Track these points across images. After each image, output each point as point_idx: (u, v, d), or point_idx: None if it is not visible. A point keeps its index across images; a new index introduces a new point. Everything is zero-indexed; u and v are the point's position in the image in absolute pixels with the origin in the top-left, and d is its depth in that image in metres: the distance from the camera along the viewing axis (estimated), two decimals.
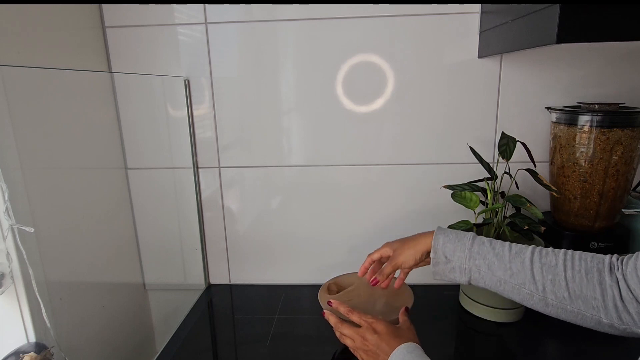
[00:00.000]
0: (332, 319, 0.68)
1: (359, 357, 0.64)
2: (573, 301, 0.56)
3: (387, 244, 0.72)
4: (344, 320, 0.67)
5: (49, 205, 0.64)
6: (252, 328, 0.85)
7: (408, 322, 0.66)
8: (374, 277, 0.71)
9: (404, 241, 0.70)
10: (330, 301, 0.70)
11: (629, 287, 0.53)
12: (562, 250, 0.59)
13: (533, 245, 0.61)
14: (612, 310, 0.53)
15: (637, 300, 0.52)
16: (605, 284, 0.54)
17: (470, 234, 0.65)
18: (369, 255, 0.73)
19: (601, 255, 0.57)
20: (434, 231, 0.67)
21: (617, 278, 0.54)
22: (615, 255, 0.57)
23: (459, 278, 0.64)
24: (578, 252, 0.58)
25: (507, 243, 0.62)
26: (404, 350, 0.58)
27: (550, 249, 0.60)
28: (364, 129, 0.91)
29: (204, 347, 0.81)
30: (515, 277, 0.59)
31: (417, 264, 0.68)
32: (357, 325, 0.65)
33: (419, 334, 0.63)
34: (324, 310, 0.70)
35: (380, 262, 0.73)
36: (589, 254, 0.58)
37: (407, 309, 0.69)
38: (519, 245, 0.62)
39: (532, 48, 0.59)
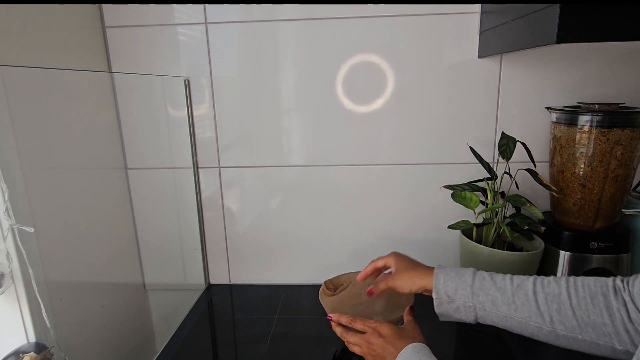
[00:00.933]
0: (337, 330, 0.68)
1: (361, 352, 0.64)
2: (583, 329, 0.54)
3: (394, 256, 0.70)
4: (350, 328, 0.67)
5: (49, 205, 0.64)
6: (252, 328, 0.85)
7: (413, 322, 0.65)
8: (370, 287, 0.70)
9: (408, 265, 0.68)
10: (329, 316, 0.70)
11: (637, 308, 0.51)
12: (564, 278, 0.58)
13: (534, 276, 0.60)
14: (624, 334, 0.52)
15: None
16: (612, 307, 0.53)
17: (471, 270, 0.63)
18: (373, 262, 0.72)
19: (604, 278, 0.56)
20: (434, 268, 0.65)
21: (623, 300, 0.53)
22: (619, 277, 0.56)
23: (465, 317, 0.62)
24: (580, 278, 0.57)
25: (508, 276, 0.61)
26: (411, 350, 0.57)
27: (551, 277, 0.59)
28: (364, 129, 0.91)
29: (204, 347, 0.81)
30: (520, 310, 0.58)
31: (410, 293, 0.67)
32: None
33: None
34: (332, 323, 0.70)
35: (381, 270, 0.72)
36: (592, 278, 0.56)
37: (411, 308, 0.69)
38: (520, 276, 0.61)
39: (532, 48, 0.59)
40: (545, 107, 0.85)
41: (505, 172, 0.82)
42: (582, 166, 0.77)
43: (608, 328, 0.53)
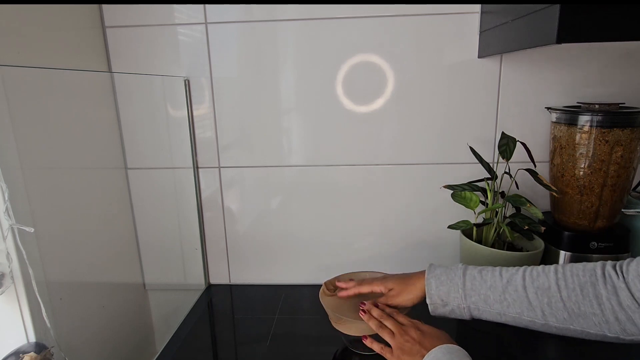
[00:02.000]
0: (375, 311, 0.67)
1: (394, 350, 0.62)
2: (574, 320, 0.55)
3: (381, 282, 0.71)
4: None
5: (49, 205, 0.64)
6: (252, 328, 0.85)
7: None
8: (365, 307, 0.69)
9: (400, 281, 0.69)
10: (377, 304, 0.70)
11: (632, 295, 0.51)
12: (553, 268, 0.58)
13: (524, 267, 0.61)
14: (614, 323, 0.52)
15: None
16: (601, 297, 0.53)
17: (460, 269, 0.64)
18: (357, 286, 0.72)
19: (592, 265, 0.56)
20: (425, 272, 0.67)
21: (614, 287, 0.53)
22: (609, 263, 0.56)
23: (460, 316, 0.64)
24: (569, 267, 0.58)
25: (498, 270, 0.62)
26: (444, 350, 0.57)
27: (540, 268, 0.60)
28: (364, 129, 0.91)
29: (204, 347, 0.81)
30: (512, 307, 0.59)
31: (414, 304, 0.68)
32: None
33: None
34: (363, 306, 0.69)
35: (367, 296, 0.72)
36: (580, 267, 0.57)
37: None
38: (510, 270, 0.61)
39: (532, 48, 0.59)
40: (545, 107, 0.85)
41: (505, 172, 0.82)
42: (582, 166, 0.77)
43: (598, 318, 0.53)
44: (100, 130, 0.82)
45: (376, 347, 0.64)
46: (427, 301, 0.65)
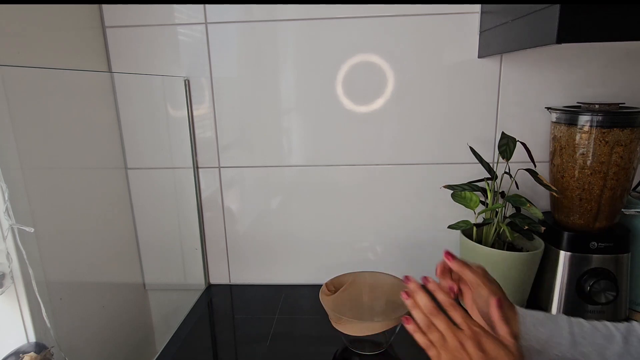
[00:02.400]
0: (422, 298, 0.51)
1: (435, 353, 0.48)
2: None
3: (484, 277, 0.55)
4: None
5: (49, 205, 0.64)
6: (252, 328, 0.85)
7: (516, 345, 0.47)
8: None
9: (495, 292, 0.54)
10: (426, 276, 0.55)
11: None
12: None
13: (633, 321, 0.50)
14: None
15: None
16: None
17: (562, 315, 0.51)
18: (464, 266, 0.56)
19: None
20: (514, 307, 0.51)
21: None
22: None
23: None
24: None
25: (603, 322, 0.50)
26: None
27: None
28: (364, 129, 0.91)
29: (204, 347, 0.81)
30: None
31: (471, 311, 0.55)
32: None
33: None
34: (406, 290, 0.53)
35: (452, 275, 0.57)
36: None
37: (499, 301, 0.50)
38: (617, 323, 0.50)
39: (532, 48, 0.59)
40: (545, 107, 0.85)
41: (505, 172, 0.82)
42: (583, 166, 0.77)
43: None
44: (100, 130, 0.82)
45: (421, 340, 0.48)
46: (522, 343, 0.50)
